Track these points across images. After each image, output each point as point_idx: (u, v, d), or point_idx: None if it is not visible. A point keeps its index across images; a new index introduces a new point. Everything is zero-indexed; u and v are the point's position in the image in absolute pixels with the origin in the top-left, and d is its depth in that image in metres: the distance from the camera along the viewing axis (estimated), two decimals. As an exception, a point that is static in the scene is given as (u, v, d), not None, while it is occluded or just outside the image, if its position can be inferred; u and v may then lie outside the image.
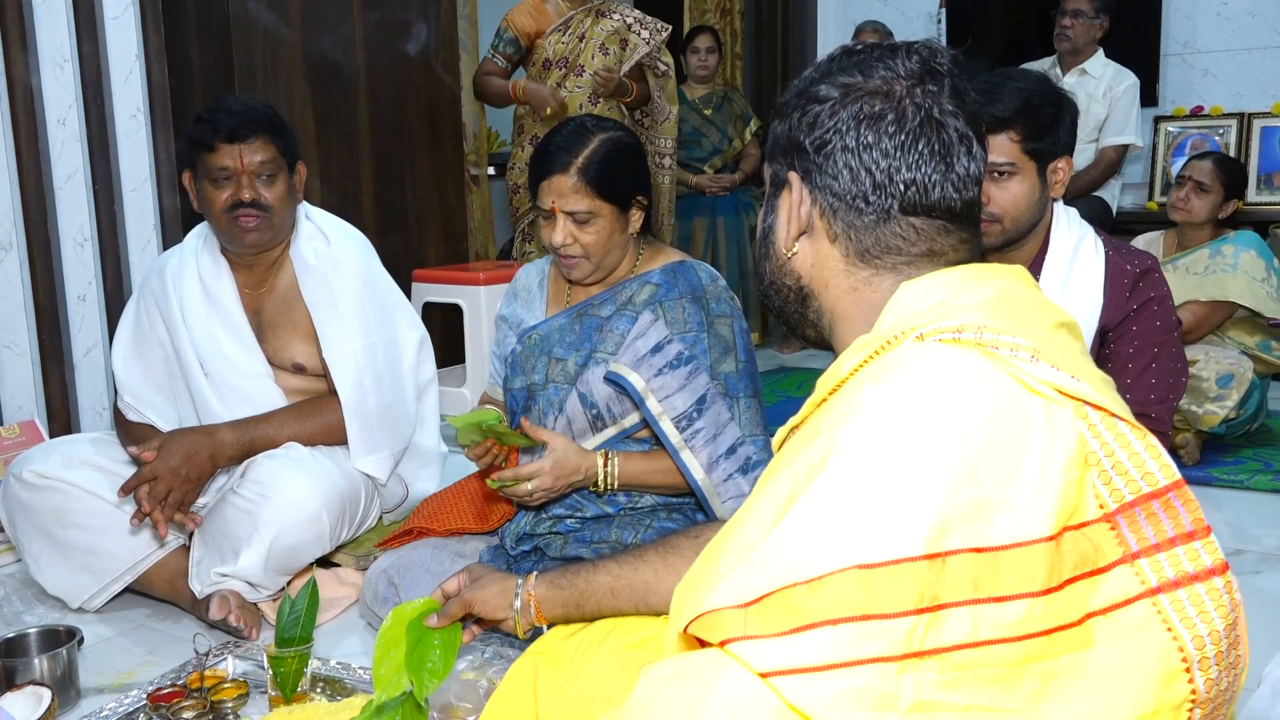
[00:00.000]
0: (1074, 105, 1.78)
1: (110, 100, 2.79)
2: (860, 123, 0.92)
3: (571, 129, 1.75)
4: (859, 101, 0.93)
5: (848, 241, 0.95)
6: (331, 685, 1.68)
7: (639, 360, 1.72)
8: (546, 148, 1.75)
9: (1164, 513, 0.79)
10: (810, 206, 0.96)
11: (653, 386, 1.70)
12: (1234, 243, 3.09)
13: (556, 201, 1.71)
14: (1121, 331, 1.83)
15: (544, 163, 1.73)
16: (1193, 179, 3.15)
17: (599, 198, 1.71)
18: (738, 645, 0.72)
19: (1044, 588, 0.74)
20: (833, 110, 0.94)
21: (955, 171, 0.93)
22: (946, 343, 0.82)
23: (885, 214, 0.93)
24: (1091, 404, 0.80)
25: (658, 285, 1.78)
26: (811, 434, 0.82)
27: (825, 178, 0.94)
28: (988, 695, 0.72)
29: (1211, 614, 0.78)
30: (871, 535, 0.72)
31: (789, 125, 0.97)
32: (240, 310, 2.12)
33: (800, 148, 0.95)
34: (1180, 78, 4.72)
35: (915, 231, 0.94)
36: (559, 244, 1.73)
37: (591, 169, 1.70)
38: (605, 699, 1.25)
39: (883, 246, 0.94)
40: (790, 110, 0.97)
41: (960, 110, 0.93)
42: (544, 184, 1.72)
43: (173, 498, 1.89)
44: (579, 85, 3.55)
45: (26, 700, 1.58)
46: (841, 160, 0.93)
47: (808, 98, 0.96)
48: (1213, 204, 3.13)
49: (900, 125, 0.92)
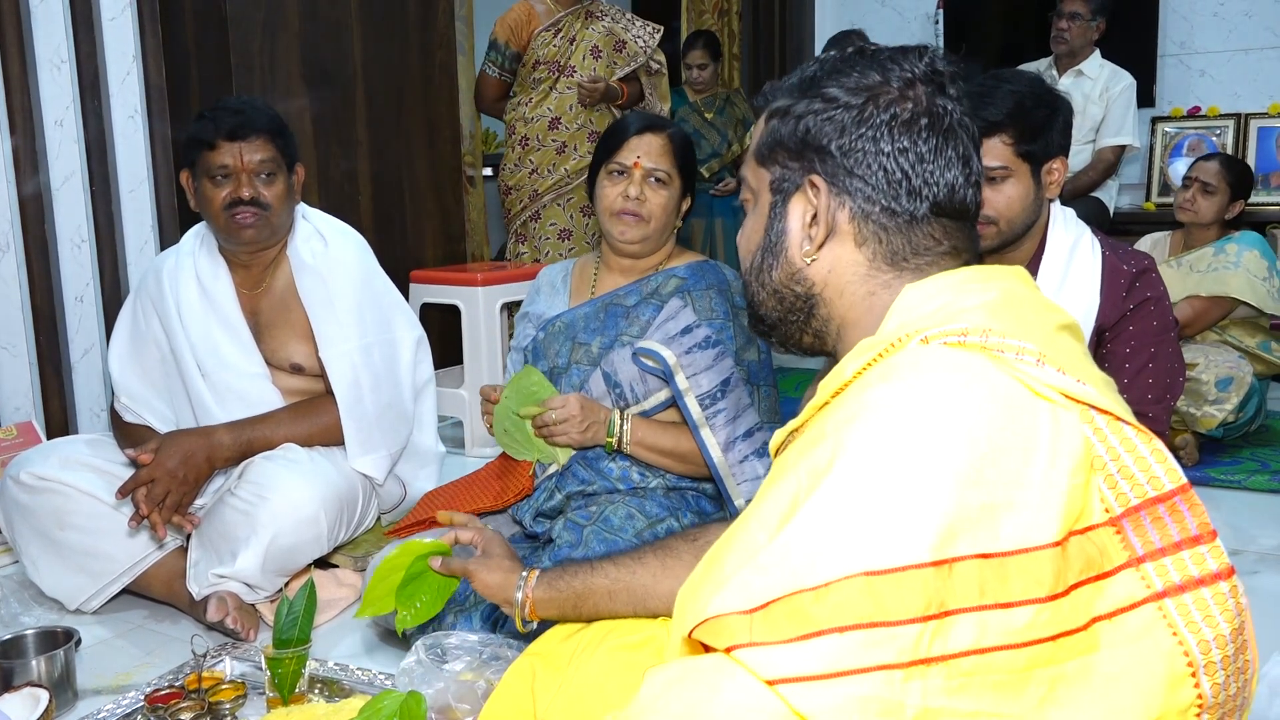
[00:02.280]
0: (1068, 105, 1.79)
1: (108, 101, 2.79)
2: (894, 126, 0.93)
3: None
4: (889, 105, 0.93)
5: (877, 245, 0.94)
6: (330, 686, 1.68)
7: (670, 339, 1.78)
8: (633, 115, 1.90)
9: (1170, 517, 0.79)
10: (840, 210, 0.95)
11: (682, 362, 1.76)
12: (1238, 242, 3.12)
13: (642, 158, 1.82)
14: (1118, 331, 1.83)
15: (637, 122, 1.85)
16: (1199, 180, 3.18)
17: (677, 167, 1.84)
18: (744, 652, 0.72)
19: (1050, 593, 0.73)
20: (862, 113, 0.93)
21: (974, 172, 0.96)
22: (952, 346, 0.82)
23: (916, 216, 0.94)
24: (1097, 408, 0.80)
25: (684, 278, 1.85)
26: (816, 437, 0.82)
27: (855, 181, 0.94)
28: (993, 701, 0.72)
29: (1217, 618, 0.78)
30: (878, 541, 0.72)
31: (799, 127, 0.96)
32: (238, 310, 2.12)
33: (823, 150, 0.94)
34: (1177, 78, 4.73)
35: (944, 231, 0.95)
36: (633, 196, 1.81)
37: (680, 138, 1.86)
38: (603, 699, 1.25)
39: (913, 248, 0.94)
40: (797, 112, 0.96)
41: (969, 114, 0.96)
42: (634, 139, 1.83)
43: (170, 499, 1.89)
44: (569, 87, 3.56)
45: (24, 701, 1.57)
46: (876, 163, 0.93)
47: (820, 99, 0.95)
48: (1219, 205, 3.16)
49: (933, 129, 0.93)
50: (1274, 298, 3.05)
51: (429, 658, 1.51)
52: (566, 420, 1.75)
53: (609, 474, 1.81)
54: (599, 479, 1.81)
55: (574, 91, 3.54)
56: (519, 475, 1.86)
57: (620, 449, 1.79)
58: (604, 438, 1.78)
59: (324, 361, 2.07)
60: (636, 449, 1.79)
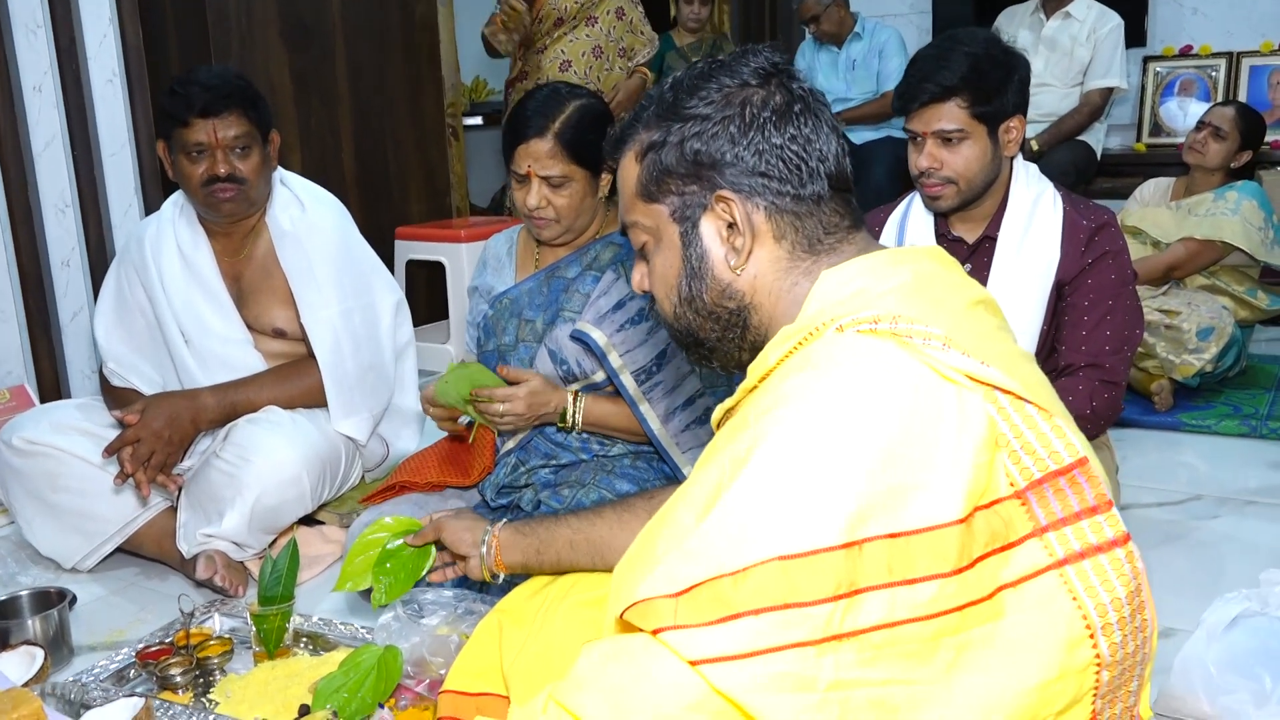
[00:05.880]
0: (1025, 64, 1.81)
1: (86, 65, 2.79)
2: (775, 118, 0.96)
3: (545, 95, 1.78)
4: (764, 102, 0.96)
5: (795, 234, 0.97)
6: (314, 640, 1.75)
7: (601, 317, 1.77)
8: (521, 113, 1.78)
9: (1070, 489, 0.84)
10: (755, 212, 0.97)
11: (615, 341, 1.76)
12: (1239, 190, 3.14)
13: (532, 166, 1.74)
14: (1078, 285, 1.87)
15: (520, 127, 1.76)
16: (1212, 124, 3.21)
17: (573, 162, 1.75)
18: (669, 634, 0.77)
19: (955, 567, 0.78)
20: (744, 117, 0.96)
21: (843, 143, 0.99)
22: (864, 333, 0.86)
23: (821, 195, 0.97)
24: (1000, 388, 0.84)
25: (620, 245, 1.82)
26: (739, 425, 0.86)
27: (760, 180, 0.96)
28: (904, 669, 0.77)
29: (1114, 582, 0.83)
30: (791, 527, 0.77)
31: (685, 152, 0.97)
32: (219, 278, 2.15)
33: (719, 164, 0.96)
34: (1169, 16, 4.68)
35: (844, 204, 0.99)
36: (533, 207, 1.77)
37: (567, 134, 1.74)
38: (563, 654, 1.31)
39: (825, 228, 0.97)
40: (674, 140, 0.98)
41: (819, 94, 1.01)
42: (520, 148, 1.75)
43: (155, 460, 1.95)
44: (588, 34, 3.55)
45: (20, 660, 1.65)
46: (775, 156, 0.95)
47: (694, 120, 0.97)
48: (1227, 151, 3.19)
49: (806, 111, 0.97)
50: (1267, 246, 3.08)
51: (406, 613, 1.57)
52: (510, 411, 1.74)
53: (569, 445, 1.85)
54: (562, 451, 1.85)
55: (590, 40, 3.54)
56: (483, 453, 1.91)
57: (573, 428, 1.81)
58: (555, 420, 1.79)
59: (305, 327, 2.11)
60: (590, 429, 1.81)
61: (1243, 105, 3.37)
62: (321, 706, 1.42)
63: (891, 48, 4.30)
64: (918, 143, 1.84)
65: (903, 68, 2.27)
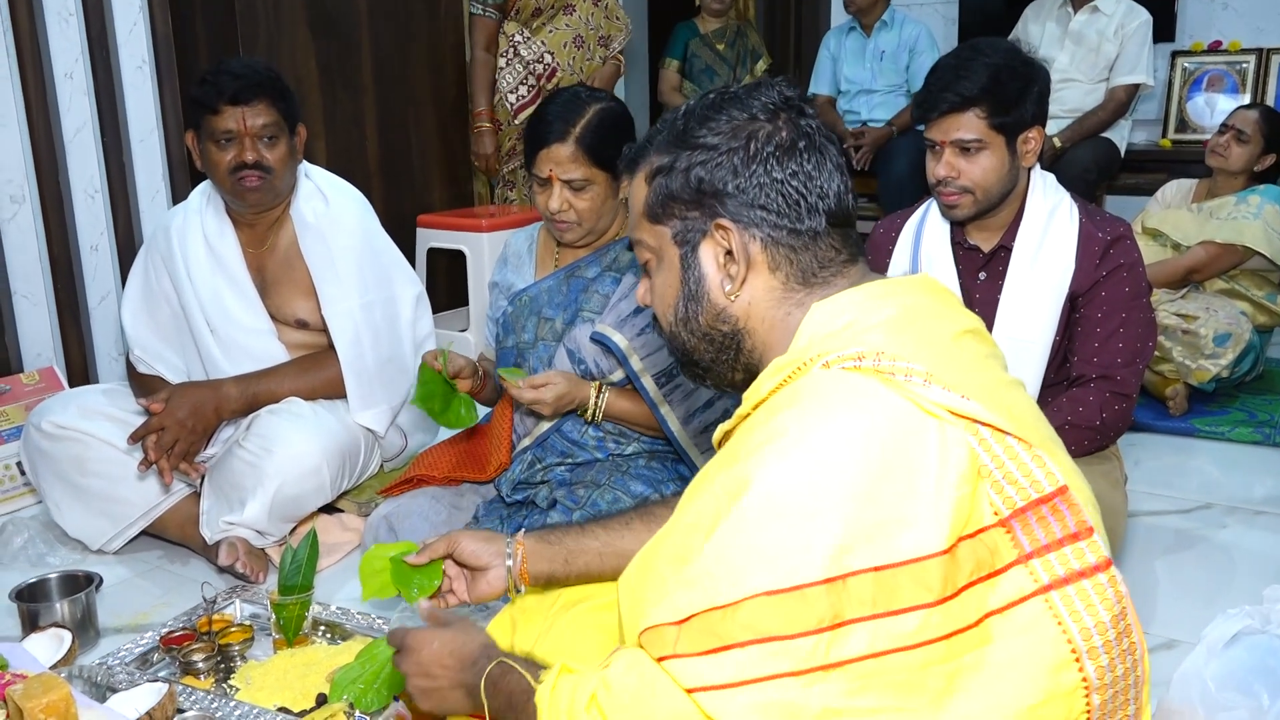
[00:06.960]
0: (1045, 74, 1.81)
1: (116, 52, 2.83)
2: (779, 154, 0.98)
3: (566, 99, 1.81)
4: (769, 137, 0.99)
5: (789, 267, 1.00)
6: (332, 629, 1.79)
7: (622, 321, 1.80)
8: (543, 116, 1.80)
9: (1052, 516, 0.87)
10: (751, 243, 0.99)
11: (635, 345, 1.79)
12: (1261, 194, 3.11)
13: (554, 170, 1.77)
14: (1091, 296, 1.88)
15: (542, 132, 1.78)
16: (1235, 127, 3.17)
17: (595, 166, 1.77)
18: (670, 663, 0.83)
19: (939, 597, 0.82)
20: (748, 151, 0.98)
21: (847, 179, 1.02)
22: (849, 370, 0.89)
23: (818, 231, 0.99)
24: (981, 422, 0.87)
25: None
26: (733, 455, 0.90)
27: (759, 212, 0.99)
28: (894, 698, 0.81)
29: (1097, 606, 0.86)
30: (777, 563, 0.81)
31: (690, 179, 1.00)
32: (244, 268, 2.19)
33: (721, 194, 0.99)
34: (1199, 11, 4.62)
35: (842, 239, 1.01)
36: (555, 210, 1.79)
37: (588, 138, 1.76)
38: (575, 654, 1.34)
39: (819, 262, 1.00)
40: (682, 166, 1.00)
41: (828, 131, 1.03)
42: (542, 153, 1.78)
43: (179, 448, 1.99)
44: (567, 24, 3.55)
45: (49, 642, 1.70)
46: (775, 191, 0.98)
47: (701, 149, 1.00)
48: (1250, 154, 3.16)
49: (811, 148, 0.99)
50: None
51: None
52: (539, 399, 1.78)
53: (586, 444, 1.88)
54: (578, 449, 1.89)
55: (570, 29, 3.54)
56: (499, 449, 1.94)
57: (594, 421, 1.85)
58: (578, 410, 1.84)
59: (326, 319, 2.15)
60: (611, 416, 1.85)
61: (1267, 108, 3.33)
62: (338, 698, 1.45)
63: (923, 44, 4.27)
64: (936, 151, 1.85)
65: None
